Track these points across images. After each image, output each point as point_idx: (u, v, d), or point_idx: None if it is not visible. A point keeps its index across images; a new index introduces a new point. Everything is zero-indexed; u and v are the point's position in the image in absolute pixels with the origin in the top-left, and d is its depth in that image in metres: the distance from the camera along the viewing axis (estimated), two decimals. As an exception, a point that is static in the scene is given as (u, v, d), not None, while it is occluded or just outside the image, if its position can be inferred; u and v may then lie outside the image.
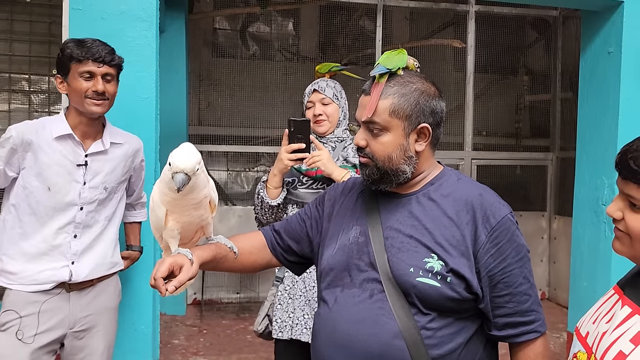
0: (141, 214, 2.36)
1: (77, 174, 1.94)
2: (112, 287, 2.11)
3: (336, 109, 2.23)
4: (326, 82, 2.27)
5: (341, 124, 2.27)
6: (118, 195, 2.10)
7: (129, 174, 2.14)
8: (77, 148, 1.95)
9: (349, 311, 1.27)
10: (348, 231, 1.37)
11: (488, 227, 1.23)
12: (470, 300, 1.23)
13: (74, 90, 1.90)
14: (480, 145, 5.56)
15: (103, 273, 2.04)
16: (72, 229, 1.95)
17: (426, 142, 1.32)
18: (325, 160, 2.10)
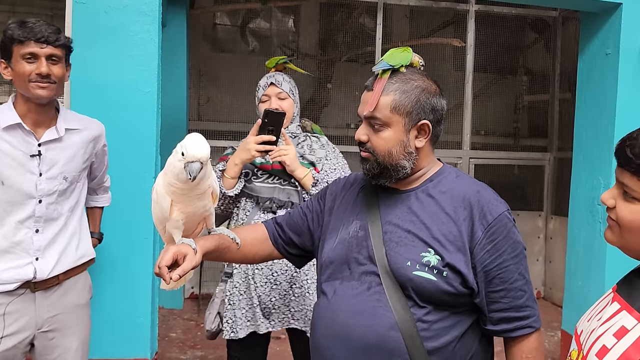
0: (103, 199, 2.25)
1: (31, 165, 1.82)
2: (81, 284, 2.00)
3: (292, 104, 2.22)
4: (282, 77, 2.23)
5: (295, 120, 2.26)
6: (80, 183, 1.99)
7: (89, 161, 2.02)
8: (28, 138, 1.82)
9: (347, 303, 1.31)
10: (348, 225, 1.41)
11: (485, 223, 1.26)
12: (466, 295, 1.26)
13: (18, 74, 1.77)
14: (478, 144, 5.59)
15: (69, 266, 1.93)
16: (32, 223, 1.83)
17: (426, 139, 1.35)
18: (292, 156, 2.10)
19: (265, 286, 2.14)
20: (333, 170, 2.20)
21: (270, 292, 2.14)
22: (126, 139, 2.49)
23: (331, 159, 2.22)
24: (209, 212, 1.44)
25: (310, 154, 2.20)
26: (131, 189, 2.50)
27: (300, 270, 2.17)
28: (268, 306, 2.15)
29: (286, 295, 2.15)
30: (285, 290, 2.15)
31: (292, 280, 2.16)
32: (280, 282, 2.15)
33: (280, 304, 2.15)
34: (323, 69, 5.67)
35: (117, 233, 2.51)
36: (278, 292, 2.15)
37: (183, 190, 1.32)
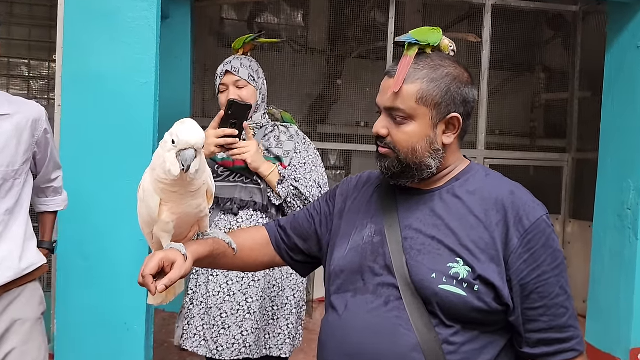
0: (55, 202, 1.94)
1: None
2: (26, 297, 1.70)
3: (253, 92, 2.02)
4: (240, 61, 2.03)
5: (260, 108, 2.06)
6: (20, 180, 1.68)
7: (30, 152, 1.71)
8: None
9: (361, 319, 1.16)
10: (362, 230, 1.26)
11: (521, 229, 1.11)
12: (500, 312, 1.11)
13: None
14: (493, 144, 5.43)
15: (8, 279, 1.63)
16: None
17: (455, 134, 1.20)
18: (253, 152, 1.91)
19: (237, 314, 1.94)
20: (302, 164, 2.01)
21: (242, 323, 1.94)
22: (121, 134, 2.33)
23: (300, 151, 2.03)
24: (204, 213, 1.27)
25: (277, 147, 2.02)
26: (125, 188, 2.33)
27: (278, 287, 2.00)
28: (233, 333, 1.94)
29: (264, 323, 1.98)
30: (262, 319, 1.97)
31: (272, 304, 1.99)
32: (254, 310, 1.95)
33: (254, 331, 1.96)
34: (333, 65, 5.54)
35: (109, 234, 2.36)
36: (251, 323, 1.95)
37: (174, 187, 1.15)
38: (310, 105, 5.56)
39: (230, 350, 1.91)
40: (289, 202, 1.95)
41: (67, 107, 2.27)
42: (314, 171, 2.01)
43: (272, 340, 1.99)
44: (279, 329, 2.00)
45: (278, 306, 1.99)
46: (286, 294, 2.01)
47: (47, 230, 1.94)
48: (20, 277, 1.68)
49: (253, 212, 1.96)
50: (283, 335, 2.00)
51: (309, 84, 5.53)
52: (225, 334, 1.91)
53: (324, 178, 2.03)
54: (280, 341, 1.99)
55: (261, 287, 1.94)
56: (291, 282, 2.02)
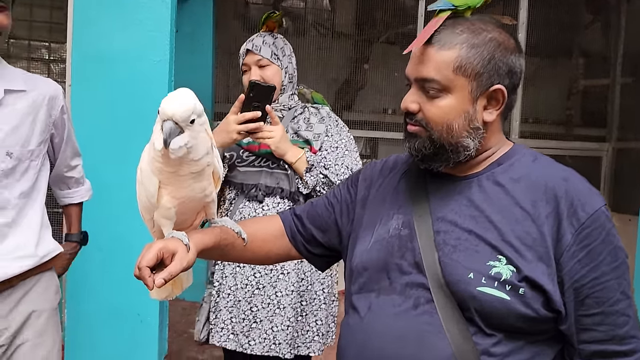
0: (78, 193, 1.87)
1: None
2: (43, 285, 1.65)
3: (277, 71, 1.87)
4: (262, 39, 1.88)
5: (286, 89, 1.91)
6: (36, 163, 1.60)
7: (47, 133, 1.63)
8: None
9: (385, 323, 1.03)
10: (387, 221, 1.12)
11: (576, 223, 0.96)
12: (549, 320, 0.96)
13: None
14: (527, 133, 5.22)
15: (25, 268, 1.57)
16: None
17: (498, 110, 1.05)
18: (279, 138, 1.77)
19: (268, 308, 1.83)
20: (334, 148, 1.87)
21: (273, 318, 1.83)
22: (134, 115, 2.22)
23: (332, 134, 1.89)
24: (210, 198, 1.15)
25: (306, 130, 1.87)
26: (136, 162, 2.22)
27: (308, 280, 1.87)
28: (265, 328, 1.83)
29: (296, 321, 1.85)
30: (294, 317, 1.84)
31: (300, 299, 1.86)
32: (284, 306, 1.82)
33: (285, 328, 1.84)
34: (360, 50, 5.41)
35: (122, 223, 2.26)
36: (281, 319, 1.83)
37: (171, 167, 1.03)
38: (336, 91, 5.44)
39: (261, 345, 1.81)
40: (318, 191, 1.82)
41: (77, 88, 2.19)
42: (347, 156, 1.87)
43: (300, 338, 1.86)
44: (307, 326, 1.87)
45: (306, 301, 1.87)
46: (315, 288, 1.88)
47: (74, 222, 1.87)
48: (37, 265, 1.61)
49: (280, 199, 1.83)
50: (312, 333, 1.88)
51: (335, 69, 5.40)
52: (257, 327, 1.81)
53: (357, 163, 1.89)
54: (309, 339, 1.87)
55: (291, 280, 1.83)
56: (320, 275, 1.89)
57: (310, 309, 1.87)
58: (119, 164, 2.14)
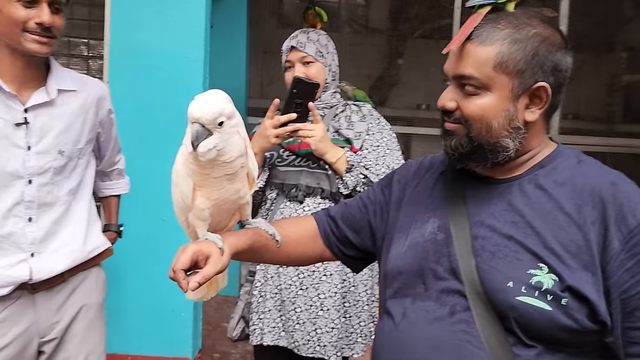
0: (119, 186, 1.91)
1: (16, 137, 1.50)
2: (92, 281, 1.69)
3: (321, 68, 1.83)
4: (307, 36, 1.83)
5: (329, 87, 1.87)
6: (84, 161, 1.64)
7: (94, 132, 1.67)
8: (10, 102, 1.49)
9: (421, 330, 1.00)
10: (423, 224, 1.09)
11: (624, 229, 0.91)
12: (594, 332, 0.91)
13: (7, 18, 1.42)
14: (567, 129, 5.06)
15: (76, 262, 1.61)
16: (22, 210, 1.51)
17: (541, 110, 0.99)
18: (319, 137, 1.74)
19: (310, 310, 1.81)
20: (375, 147, 1.83)
21: (316, 320, 1.80)
22: (169, 112, 2.24)
23: (374, 133, 1.85)
24: (244, 200, 1.14)
25: (347, 128, 1.83)
26: (172, 164, 2.24)
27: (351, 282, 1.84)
28: (308, 330, 1.81)
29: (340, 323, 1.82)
30: (338, 319, 1.81)
31: (343, 300, 1.83)
32: (328, 307, 1.80)
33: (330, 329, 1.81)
34: (394, 45, 5.37)
35: (158, 219, 2.28)
36: (325, 321, 1.80)
37: (205, 168, 1.03)
38: (369, 86, 5.40)
39: (306, 346, 1.79)
40: (358, 192, 1.78)
41: (114, 84, 2.22)
42: (388, 155, 1.83)
43: (344, 339, 1.84)
44: (351, 328, 1.85)
45: (349, 303, 1.84)
46: (358, 290, 1.85)
47: (113, 214, 1.91)
48: (86, 260, 1.66)
49: (321, 199, 1.80)
50: (355, 335, 1.85)
51: (369, 64, 5.35)
52: (300, 329, 1.79)
53: (399, 163, 1.84)
54: (352, 340, 1.85)
55: (334, 282, 1.80)
56: (363, 276, 1.86)
57: (354, 310, 1.84)
58: (153, 160, 2.17)
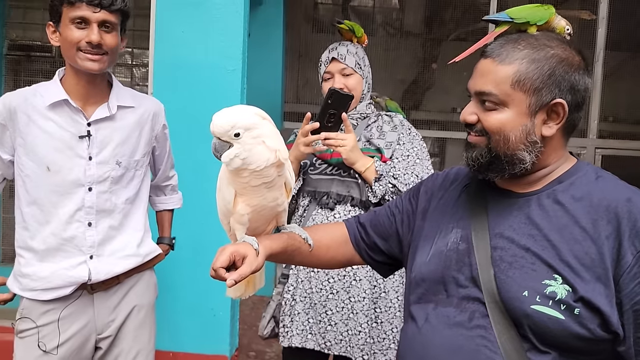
0: (172, 200, 2.01)
1: (79, 148, 1.62)
2: (144, 282, 1.80)
3: (359, 80, 1.90)
4: (347, 48, 1.90)
5: (365, 98, 1.94)
6: (140, 172, 1.75)
7: (150, 146, 1.78)
8: (76, 116, 1.62)
9: (441, 335, 1.06)
10: (446, 234, 1.15)
11: (638, 244, 0.95)
12: (606, 341, 0.96)
13: (65, 40, 1.56)
14: (606, 132, 4.95)
15: (131, 266, 1.72)
16: (83, 215, 1.62)
17: (558, 125, 1.04)
18: (350, 147, 1.79)
19: (342, 312, 1.87)
20: (405, 157, 1.88)
21: (348, 322, 1.87)
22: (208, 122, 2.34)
23: (404, 142, 1.90)
24: (282, 207, 1.23)
25: (379, 138, 1.89)
26: (213, 176, 2.33)
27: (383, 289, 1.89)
28: (340, 330, 1.88)
29: (369, 326, 1.88)
30: (366, 324, 1.87)
31: (374, 306, 1.89)
32: (357, 311, 1.86)
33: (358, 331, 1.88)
34: (428, 49, 5.35)
35: (198, 225, 2.39)
36: (354, 324, 1.87)
37: (240, 177, 1.12)
38: (404, 90, 5.40)
39: (338, 345, 1.87)
40: (387, 200, 1.83)
41: (158, 94, 2.33)
42: (418, 164, 1.88)
43: (377, 344, 1.89)
44: (384, 333, 1.89)
45: (381, 308, 1.88)
46: (390, 296, 1.89)
47: (167, 227, 2.01)
48: (140, 264, 1.77)
49: (351, 207, 1.87)
50: (388, 340, 1.89)
51: (403, 68, 5.36)
52: (333, 330, 1.87)
53: (428, 172, 1.89)
54: (385, 346, 1.89)
55: (363, 287, 1.86)
56: (394, 283, 1.90)
57: (386, 316, 1.88)
58: (193, 164, 2.27)
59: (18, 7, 3.61)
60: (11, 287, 1.67)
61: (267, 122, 1.11)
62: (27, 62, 3.66)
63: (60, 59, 3.63)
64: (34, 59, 3.63)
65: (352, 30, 1.97)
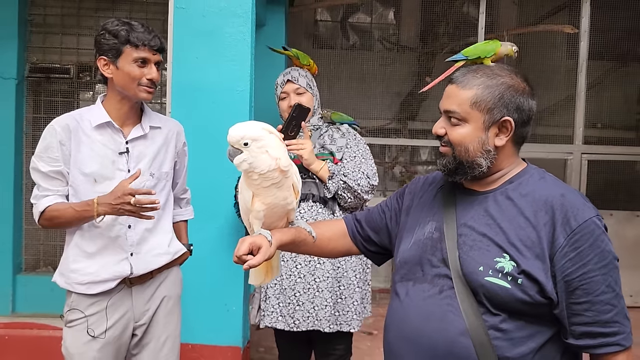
0: (187, 212, 2.26)
1: (120, 162, 1.89)
2: (173, 277, 2.06)
3: (310, 98, 2.30)
4: (298, 72, 2.32)
5: (316, 113, 2.34)
6: (169, 183, 2.04)
7: (174, 160, 2.05)
8: (116, 135, 1.89)
9: (418, 305, 1.30)
10: (424, 226, 1.39)
11: (568, 229, 1.19)
12: (544, 305, 1.19)
13: (126, 75, 1.81)
14: (593, 138, 5.17)
15: (162, 263, 1.99)
16: (124, 219, 1.87)
17: (507, 137, 1.29)
18: (309, 150, 2.17)
19: (309, 292, 2.23)
20: (353, 158, 2.27)
21: (314, 299, 2.23)
22: (220, 138, 2.59)
23: (351, 146, 2.29)
24: (291, 206, 1.47)
25: (330, 144, 2.28)
26: (225, 182, 2.58)
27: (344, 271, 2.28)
28: (307, 308, 2.24)
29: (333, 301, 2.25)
30: (331, 299, 2.24)
31: (338, 284, 2.26)
32: (322, 289, 2.23)
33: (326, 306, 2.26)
34: (423, 62, 5.57)
35: (213, 231, 2.65)
36: (320, 300, 2.22)
37: (253, 180, 1.36)
38: (400, 102, 5.64)
39: (305, 322, 2.22)
40: (340, 195, 2.22)
41: (176, 114, 2.59)
42: (363, 163, 2.27)
43: (342, 317, 2.25)
44: (347, 307, 2.26)
45: (344, 286, 2.25)
46: (349, 275, 2.27)
47: (184, 235, 2.24)
48: (170, 261, 2.03)
49: (312, 203, 2.25)
50: (351, 313, 2.26)
51: (400, 81, 5.58)
52: (300, 309, 2.22)
53: (372, 169, 2.28)
54: (349, 318, 2.26)
55: (327, 268, 2.23)
56: (352, 263, 2.28)
57: (348, 292, 2.27)
58: (209, 179, 2.52)
59: (39, 32, 3.82)
60: (57, 281, 1.93)
61: (272, 136, 1.35)
62: (47, 83, 3.84)
63: (79, 80, 3.93)
64: (53, 81, 3.84)
65: (297, 57, 2.37)
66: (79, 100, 3.91)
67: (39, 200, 1.85)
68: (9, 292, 3.56)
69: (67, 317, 1.91)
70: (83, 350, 1.88)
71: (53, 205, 1.83)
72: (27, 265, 3.74)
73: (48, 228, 1.97)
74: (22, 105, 3.72)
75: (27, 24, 3.74)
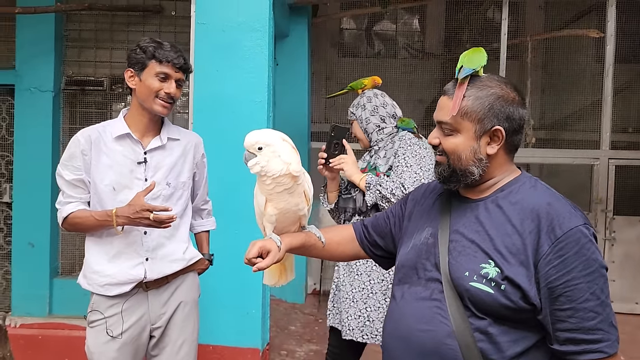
0: (209, 223, 2.32)
1: (138, 172, 1.96)
2: (189, 282, 2.11)
3: (356, 123, 2.48)
4: (352, 105, 2.50)
5: (374, 131, 2.45)
6: (187, 193, 2.10)
7: (192, 171, 2.12)
8: (135, 146, 1.97)
9: (411, 307, 1.34)
10: (422, 231, 1.43)
11: (552, 237, 1.20)
12: (528, 311, 1.21)
13: (147, 87, 1.91)
14: (620, 143, 5.08)
15: (177, 269, 2.05)
16: None
17: (498, 146, 1.32)
18: (350, 164, 2.22)
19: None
20: (397, 167, 2.31)
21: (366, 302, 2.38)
22: (239, 147, 2.70)
23: (399, 155, 2.33)
24: (302, 212, 1.51)
25: (376, 158, 2.37)
26: (244, 189, 2.63)
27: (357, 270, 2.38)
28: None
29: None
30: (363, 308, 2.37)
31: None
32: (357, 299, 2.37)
33: None
34: (447, 69, 5.57)
35: (233, 239, 2.73)
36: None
37: (266, 185, 1.43)
38: (425, 109, 5.66)
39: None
40: (379, 205, 2.25)
41: (198, 125, 2.71)
42: (405, 172, 2.28)
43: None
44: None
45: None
46: (363, 279, 2.40)
47: (205, 246, 2.31)
48: (185, 267, 2.10)
49: (351, 215, 2.34)
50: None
51: (424, 88, 5.60)
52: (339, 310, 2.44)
53: (413, 178, 2.26)
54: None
55: (362, 279, 2.35)
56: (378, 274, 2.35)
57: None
58: (228, 185, 2.62)
59: (74, 46, 4.01)
60: (80, 283, 2.04)
61: (285, 143, 1.40)
62: (82, 95, 4.02)
63: (111, 92, 4.11)
64: (87, 93, 4.02)
65: (353, 89, 2.48)
66: (111, 111, 4.07)
67: (63, 206, 1.97)
68: (46, 295, 3.73)
69: (89, 318, 2.01)
70: (103, 350, 1.97)
71: (76, 212, 1.95)
72: (64, 269, 3.88)
73: (70, 232, 2.09)
74: (59, 117, 3.90)
75: (63, 39, 3.94)
